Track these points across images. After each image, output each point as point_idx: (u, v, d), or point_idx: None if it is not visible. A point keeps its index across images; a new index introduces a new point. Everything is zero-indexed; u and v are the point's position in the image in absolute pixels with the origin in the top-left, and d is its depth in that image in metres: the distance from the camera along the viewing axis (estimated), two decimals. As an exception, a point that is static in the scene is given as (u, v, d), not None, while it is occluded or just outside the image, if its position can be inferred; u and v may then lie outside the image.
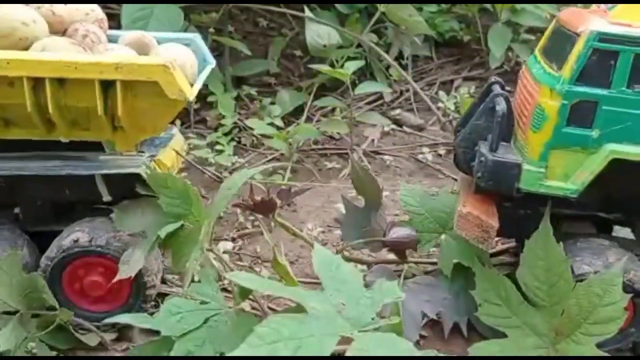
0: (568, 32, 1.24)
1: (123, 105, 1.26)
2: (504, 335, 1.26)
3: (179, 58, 1.36)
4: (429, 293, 1.39)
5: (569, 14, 1.31)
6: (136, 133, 1.34)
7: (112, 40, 1.42)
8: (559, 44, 1.27)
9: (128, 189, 1.33)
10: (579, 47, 1.17)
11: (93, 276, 1.33)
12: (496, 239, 1.45)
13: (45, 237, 1.38)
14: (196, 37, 1.56)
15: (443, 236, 1.47)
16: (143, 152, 1.38)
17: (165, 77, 1.23)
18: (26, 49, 1.28)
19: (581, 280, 1.21)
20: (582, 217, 1.36)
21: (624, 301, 1.17)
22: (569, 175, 1.23)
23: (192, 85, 1.35)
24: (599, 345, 1.19)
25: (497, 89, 1.34)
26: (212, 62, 1.52)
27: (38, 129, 1.31)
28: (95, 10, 1.43)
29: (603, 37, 1.16)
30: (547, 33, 1.38)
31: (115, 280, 1.26)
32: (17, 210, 1.40)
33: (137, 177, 1.32)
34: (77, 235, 1.32)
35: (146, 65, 1.23)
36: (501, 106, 1.26)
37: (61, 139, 1.32)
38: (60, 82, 1.25)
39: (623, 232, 1.41)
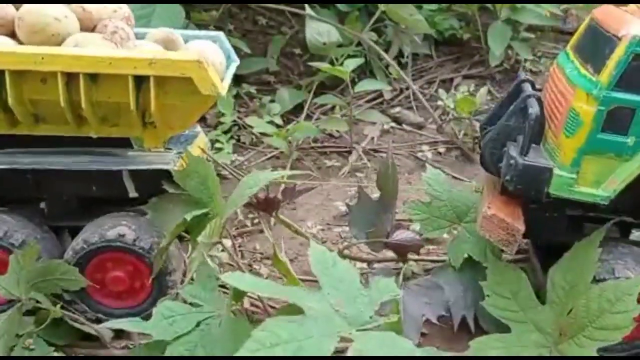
0: (606, 34, 1.19)
1: (155, 101, 1.26)
2: (507, 331, 1.26)
3: (210, 55, 1.36)
4: (430, 295, 1.39)
5: (606, 14, 1.27)
6: (165, 129, 1.35)
7: (138, 37, 1.43)
8: (596, 44, 1.23)
9: (154, 185, 1.34)
10: (619, 53, 1.13)
11: (118, 272, 1.33)
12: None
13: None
14: (220, 35, 1.56)
15: (446, 234, 1.47)
16: (170, 149, 1.38)
17: (199, 72, 1.22)
18: (58, 44, 1.28)
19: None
20: (607, 220, 1.32)
21: (636, 311, 1.15)
22: (601, 181, 1.19)
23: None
24: (603, 351, 1.17)
25: (527, 88, 1.31)
26: (236, 60, 1.52)
27: (68, 125, 1.31)
28: (123, 7, 1.44)
29: None
30: (580, 31, 1.34)
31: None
32: (42, 205, 1.40)
33: (165, 173, 1.32)
34: (123, 229, 1.31)
35: (180, 61, 1.23)
36: (534, 109, 1.21)
37: (91, 134, 1.32)
38: (92, 77, 1.25)
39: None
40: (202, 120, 2.35)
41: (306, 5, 2.42)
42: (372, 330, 0.99)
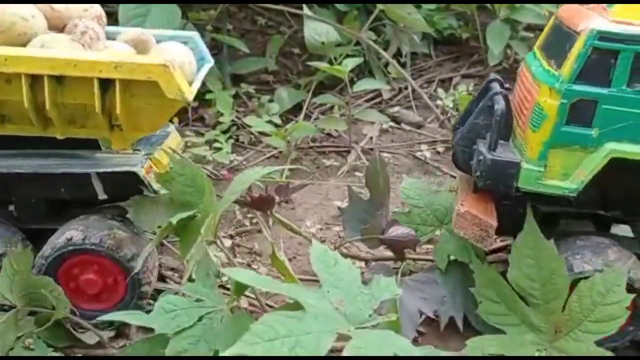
0: (568, 30, 1.23)
1: (121, 104, 1.25)
2: (501, 331, 1.26)
3: (178, 57, 1.35)
4: (426, 291, 1.39)
5: (568, 11, 1.30)
6: (132, 132, 1.33)
7: (110, 37, 1.41)
8: (559, 41, 1.26)
9: (123, 187, 1.32)
10: (578, 46, 1.16)
11: (88, 274, 1.32)
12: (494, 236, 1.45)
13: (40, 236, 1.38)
14: (195, 35, 1.55)
15: (437, 232, 1.47)
16: (139, 150, 1.37)
17: (165, 76, 1.21)
18: (25, 44, 1.27)
19: (581, 279, 1.21)
20: (581, 215, 1.36)
21: (627, 300, 1.16)
22: (569, 174, 1.22)
23: (190, 84, 1.34)
24: (597, 343, 1.18)
25: (496, 86, 1.33)
26: (210, 61, 1.51)
27: (34, 126, 1.30)
28: (94, 7, 1.42)
29: (603, 35, 1.14)
30: (546, 29, 1.37)
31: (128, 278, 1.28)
32: (11, 207, 1.39)
33: (133, 175, 1.31)
34: (71, 233, 1.31)
35: (145, 64, 1.22)
36: (500, 105, 1.25)
37: (57, 136, 1.31)
38: (58, 79, 1.24)
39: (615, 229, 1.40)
40: (201, 120, 2.35)
41: (304, 5, 2.42)
42: (371, 329, 0.99)
